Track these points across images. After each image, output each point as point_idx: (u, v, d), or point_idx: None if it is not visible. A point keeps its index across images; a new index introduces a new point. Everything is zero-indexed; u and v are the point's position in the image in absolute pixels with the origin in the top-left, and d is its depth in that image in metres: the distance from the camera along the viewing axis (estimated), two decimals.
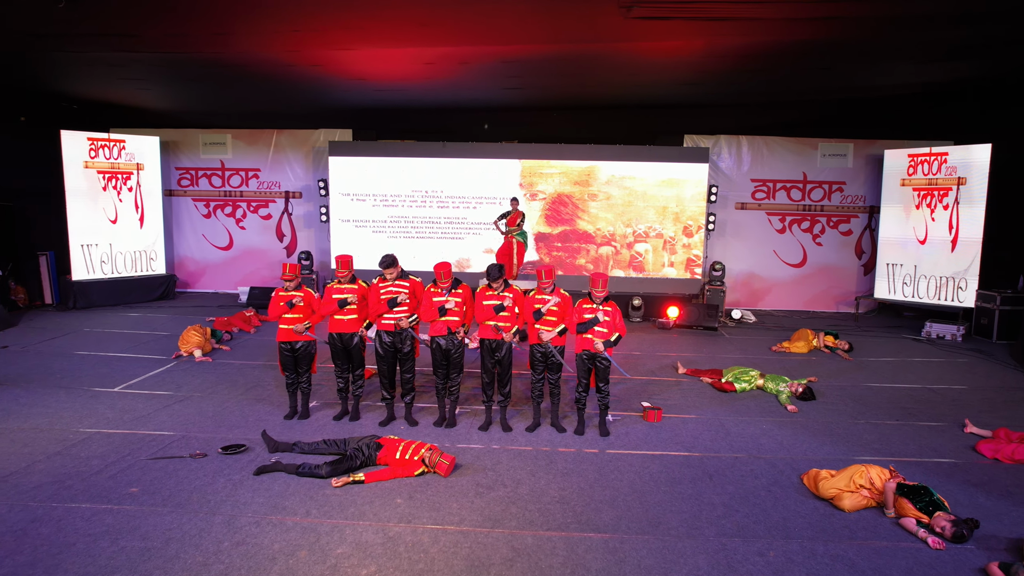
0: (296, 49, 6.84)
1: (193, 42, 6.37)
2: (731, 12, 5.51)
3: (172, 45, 6.49)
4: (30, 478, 4.89)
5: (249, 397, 6.98)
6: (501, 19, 5.60)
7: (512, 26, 5.79)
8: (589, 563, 3.95)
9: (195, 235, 13.77)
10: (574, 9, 5.30)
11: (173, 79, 9.37)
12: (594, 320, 5.87)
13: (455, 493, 4.83)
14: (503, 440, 5.94)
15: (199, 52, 6.93)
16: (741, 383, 7.53)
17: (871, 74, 8.94)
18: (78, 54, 7.26)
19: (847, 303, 12.81)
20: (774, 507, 4.72)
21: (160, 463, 5.21)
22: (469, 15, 5.56)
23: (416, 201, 12.51)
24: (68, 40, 6.25)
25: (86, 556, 3.87)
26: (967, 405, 7.08)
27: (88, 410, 6.45)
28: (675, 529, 4.38)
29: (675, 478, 5.17)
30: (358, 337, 6.25)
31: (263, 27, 5.81)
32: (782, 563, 3.99)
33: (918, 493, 4.51)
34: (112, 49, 6.89)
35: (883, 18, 6.08)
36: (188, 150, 13.51)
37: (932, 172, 10.94)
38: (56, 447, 5.49)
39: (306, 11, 5.40)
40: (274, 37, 6.16)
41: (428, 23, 5.75)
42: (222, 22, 5.69)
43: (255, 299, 12.00)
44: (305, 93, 10.58)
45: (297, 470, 5.03)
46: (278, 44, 6.52)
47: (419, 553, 4.01)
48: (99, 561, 3.83)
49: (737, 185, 12.74)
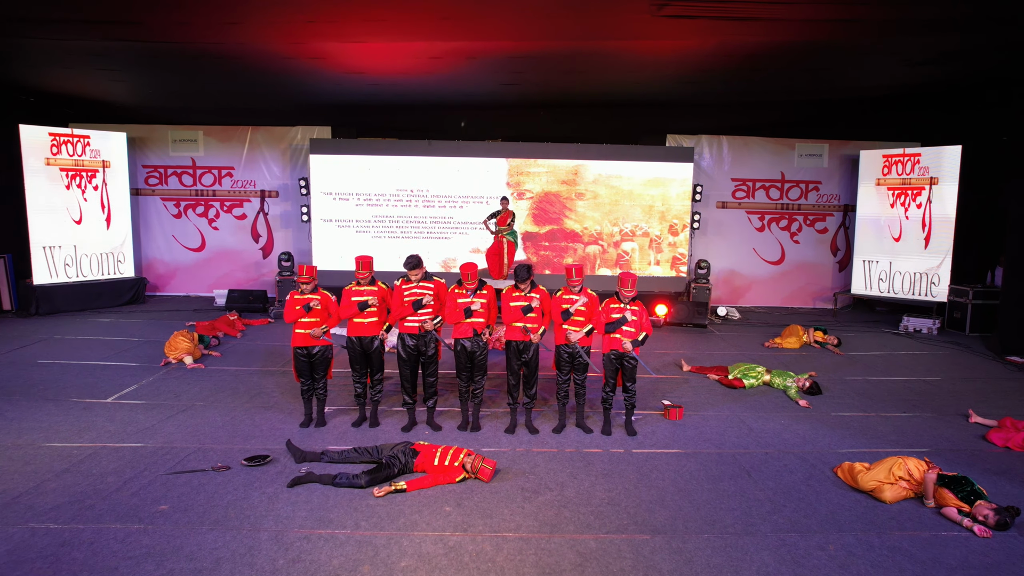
0: (302, 41, 6.57)
1: (198, 31, 6.03)
2: (755, 12, 5.57)
3: (175, 34, 6.13)
4: (44, 498, 4.54)
5: (256, 405, 6.68)
6: (527, 15, 5.51)
7: (536, 22, 5.71)
8: (658, 564, 3.92)
9: (165, 236, 13.15)
10: (604, 5, 5.25)
11: (156, 71, 8.90)
12: (622, 319, 5.85)
13: (502, 499, 4.72)
14: (531, 442, 5.86)
15: (201, 42, 6.58)
16: (749, 379, 7.64)
17: (855, 76, 9.22)
18: (63, 42, 6.79)
19: (823, 299, 13.22)
20: (818, 501, 4.79)
21: (182, 478, 4.92)
22: (494, 10, 5.45)
23: (401, 200, 12.26)
24: (60, 27, 5.83)
25: None
26: (963, 396, 7.38)
27: (85, 423, 6.05)
28: (731, 527, 4.39)
29: (715, 476, 5.19)
30: (378, 341, 6.06)
31: (277, 17, 5.54)
32: (844, 556, 4.05)
33: (959, 483, 4.64)
34: (106, 37, 6.47)
35: (886, 21, 6.25)
36: (156, 147, 12.89)
37: (906, 172, 11.38)
38: (62, 464, 5.12)
39: (329, 1, 5.19)
40: (285, 28, 5.89)
41: (451, 16, 5.61)
42: (235, 11, 5.39)
43: (235, 302, 11.55)
44: (289, 88, 10.23)
45: (334, 481, 4.83)
46: (286, 35, 6.25)
47: (486, 563, 3.89)
48: None
49: (718, 184, 12.97)
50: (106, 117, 12.46)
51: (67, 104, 11.89)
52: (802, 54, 7.42)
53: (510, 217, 11.37)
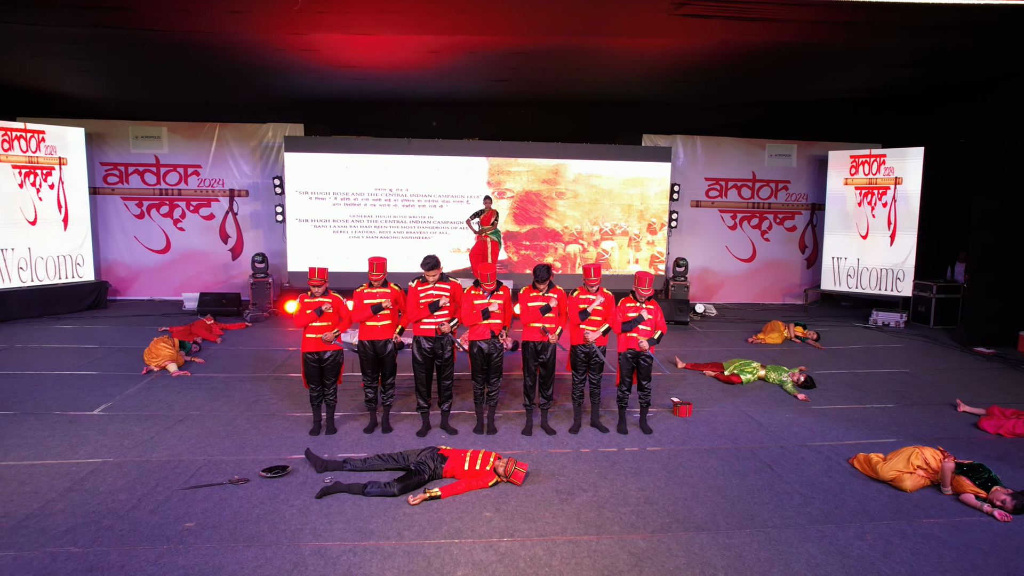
0: (303, 32, 6.33)
1: (197, 19, 5.71)
2: (766, 13, 5.68)
3: (171, 22, 5.79)
4: (54, 521, 4.23)
5: (256, 413, 6.42)
6: (545, 10, 5.46)
7: (553, 16, 5.66)
8: (711, 560, 3.95)
9: (126, 237, 12.50)
10: (624, 2, 5.26)
11: (131, 62, 8.42)
12: (639, 318, 5.88)
13: (539, 502, 4.67)
14: (550, 443, 5.82)
15: (194, 31, 6.25)
16: (746, 375, 7.81)
17: (834, 78, 9.52)
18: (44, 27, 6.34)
19: (793, 295, 13.66)
20: (843, 492, 4.92)
21: (200, 493, 4.67)
22: (513, 5, 5.37)
23: (380, 199, 12.03)
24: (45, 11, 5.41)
25: None
26: (944, 386, 7.73)
27: (76, 437, 5.67)
28: (770, 520, 4.46)
29: (739, 471, 5.27)
30: (392, 344, 5.90)
31: (286, 7, 5.30)
32: (884, 545, 4.17)
33: (976, 470, 4.86)
34: (94, 24, 6.08)
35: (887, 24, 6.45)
36: (116, 143, 12.24)
37: (872, 172, 11.86)
38: (64, 482, 4.79)
39: None
40: (292, 17, 5.64)
41: (467, 10, 5.50)
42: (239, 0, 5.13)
43: (207, 306, 11.08)
44: (266, 83, 9.89)
45: (364, 490, 4.67)
46: (289, 25, 6.00)
47: (543, 568, 3.83)
48: None
49: (692, 183, 13.22)
50: (59, 111, 11.74)
51: (16, 96, 11.15)
52: (794, 55, 7.62)
53: (493, 216, 11.28)
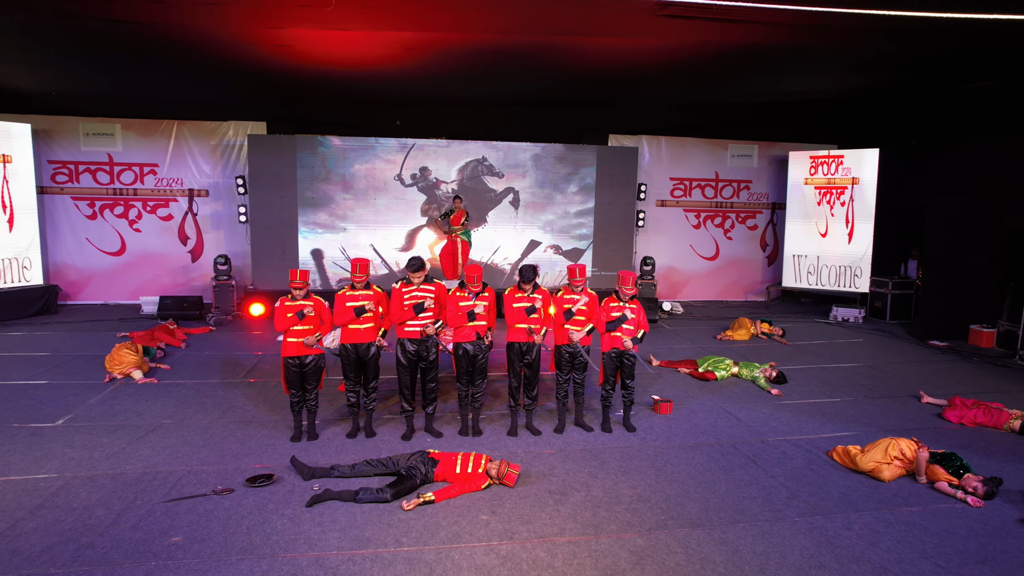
0: (282, 27, 6.15)
1: (171, 12, 5.45)
2: (747, 15, 5.80)
3: (145, 14, 5.52)
4: (28, 541, 4.00)
5: (233, 420, 6.22)
6: (530, 8, 5.44)
7: (538, 16, 5.64)
8: (711, 556, 4.01)
9: (77, 239, 11.94)
10: (610, 2, 5.30)
11: (91, 56, 8.04)
12: (622, 317, 5.92)
13: (534, 503, 4.65)
14: (536, 444, 5.82)
15: (166, 23, 5.98)
16: (720, 371, 7.96)
17: (799, 79, 9.77)
18: None
19: (755, 292, 14.01)
20: (826, 484, 5.06)
21: (183, 505, 4.49)
22: (501, 3, 5.32)
23: (348, 198, 11.81)
24: None
25: None
26: (906, 378, 8.04)
27: (40, 451, 5.39)
28: (760, 514, 4.56)
29: (725, 467, 5.37)
30: (375, 347, 5.80)
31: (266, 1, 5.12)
32: (870, 534, 4.30)
33: (949, 459, 5.06)
34: (58, 14, 5.76)
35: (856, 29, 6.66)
36: (65, 141, 11.68)
37: (831, 172, 12.26)
38: (33, 500, 4.54)
39: None
40: (269, 11, 5.45)
41: (458, 8, 5.43)
42: None
43: (168, 310, 10.69)
44: (231, 79, 9.58)
45: (355, 497, 4.57)
46: (269, 20, 5.81)
47: (546, 570, 3.82)
48: None
49: (657, 183, 13.41)
50: (2, 106, 11.12)
51: None
52: (764, 57, 7.79)
53: (464, 216, 11.23)
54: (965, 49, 7.67)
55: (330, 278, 11.91)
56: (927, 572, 3.88)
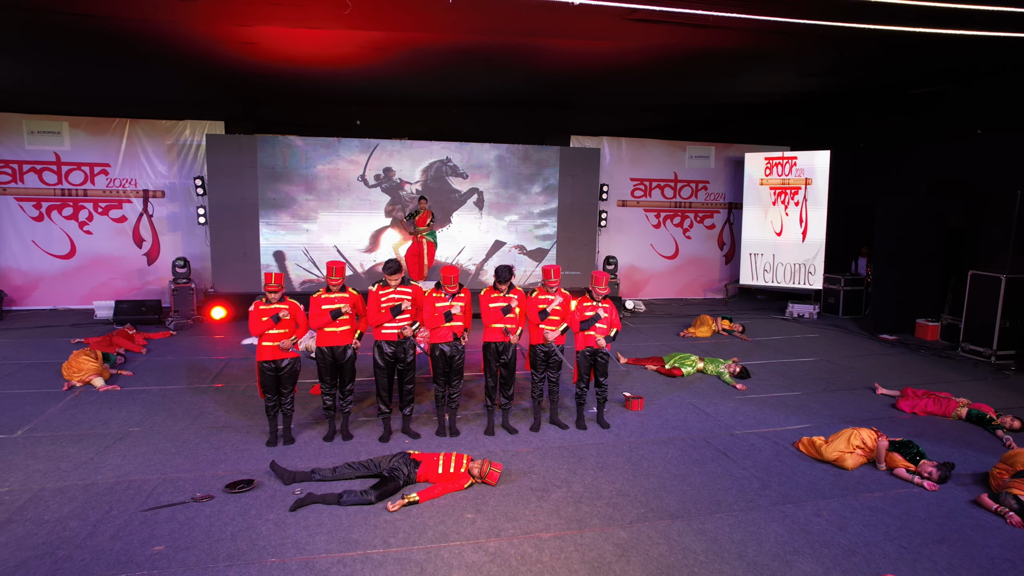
0: (248, 24, 6.05)
1: (135, 7, 5.27)
2: (713, 21, 6.01)
3: (107, 8, 5.33)
4: (0, 556, 3.87)
5: (204, 426, 6.09)
6: (501, 9, 5.50)
7: (509, 17, 5.71)
8: (691, 545, 4.16)
9: (22, 242, 11.44)
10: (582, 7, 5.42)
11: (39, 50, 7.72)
12: (596, 317, 6.05)
13: (517, 501, 4.73)
14: (513, 443, 5.90)
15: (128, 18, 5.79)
16: (686, 367, 8.19)
17: (756, 82, 10.10)
18: None
19: (713, 289, 14.41)
20: (794, 474, 5.29)
21: (162, 514, 4.40)
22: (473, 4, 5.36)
23: (311, 199, 11.65)
24: None
25: None
26: (861, 371, 8.43)
27: (2, 463, 5.19)
28: (735, 505, 4.74)
29: (698, 459, 5.55)
30: (351, 350, 5.77)
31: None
32: (838, 520, 4.53)
33: (906, 447, 5.36)
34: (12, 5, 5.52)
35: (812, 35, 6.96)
36: (7, 139, 11.17)
37: (785, 173, 12.70)
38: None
39: None
40: (238, 9, 5.34)
41: (427, 7, 5.44)
42: None
43: (125, 314, 10.36)
44: (190, 76, 9.32)
45: (339, 500, 4.57)
46: (234, 17, 5.69)
47: (535, 564, 3.90)
48: None
49: (618, 183, 13.66)
50: None
51: None
52: (725, 59, 8.05)
53: (429, 217, 11.23)
54: (901, 58, 8.10)
55: (293, 280, 11.72)
56: (892, 553, 4.11)
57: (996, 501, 4.69)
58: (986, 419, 6.37)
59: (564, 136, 13.23)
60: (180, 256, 11.05)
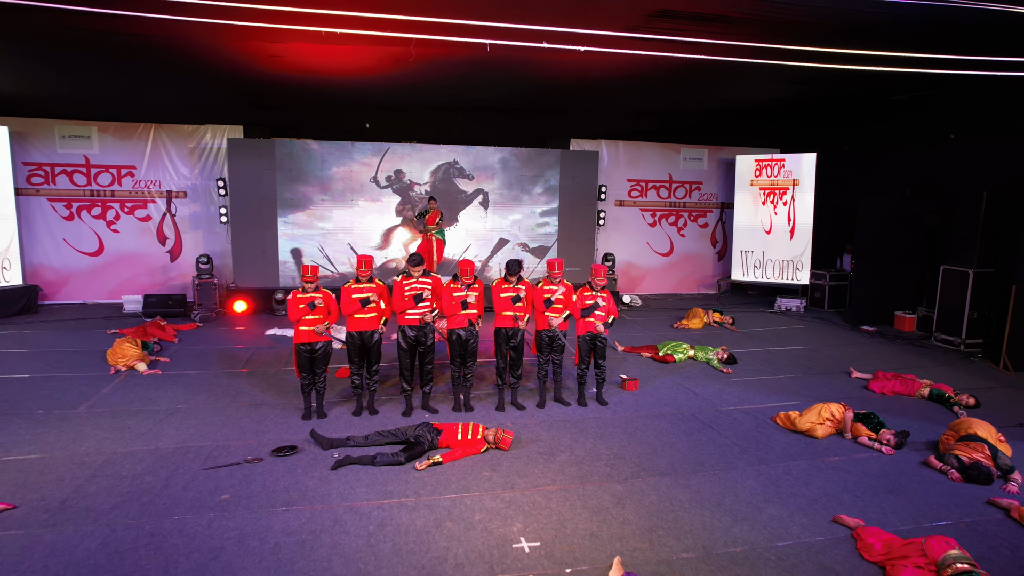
0: (280, 41, 6.75)
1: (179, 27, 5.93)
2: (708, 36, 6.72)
3: (151, 28, 6.00)
4: (94, 501, 4.57)
5: (242, 404, 6.79)
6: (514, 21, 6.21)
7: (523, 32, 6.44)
8: (677, 496, 4.87)
9: (53, 240, 12.12)
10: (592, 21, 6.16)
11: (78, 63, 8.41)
12: (595, 305, 6.76)
13: (527, 462, 5.44)
14: (521, 417, 6.60)
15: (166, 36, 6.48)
16: (678, 354, 8.91)
17: (745, 89, 10.81)
18: None
19: (706, 285, 15.13)
20: (770, 442, 6.01)
21: (222, 472, 5.11)
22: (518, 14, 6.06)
23: (326, 199, 12.35)
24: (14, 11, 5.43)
25: (250, 556, 3.91)
26: (840, 358, 9.14)
27: (73, 433, 5.88)
28: (716, 465, 5.46)
29: (686, 431, 6.26)
30: (378, 334, 6.48)
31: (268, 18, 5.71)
32: (804, 476, 5.25)
33: (869, 418, 6.08)
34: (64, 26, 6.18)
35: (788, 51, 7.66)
36: (40, 143, 11.86)
37: (774, 174, 13.43)
38: (84, 471, 5.08)
39: None
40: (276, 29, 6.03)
41: None
42: None
43: (153, 307, 11.07)
44: (215, 85, 10.01)
45: (373, 461, 5.27)
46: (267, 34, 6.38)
47: (544, 510, 4.61)
48: (269, 558, 3.90)
49: (616, 184, 14.36)
50: None
51: None
52: (715, 70, 8.76)
53: (438, 216, 11.93)
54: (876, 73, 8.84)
55: None
56: (847, 501, 4.83)
57: (941, 461, 5.41)
58: (945, 397, 7.09)
59: (564, 140, 13.94)
60: (203, 253, 11.73)
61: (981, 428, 5.60)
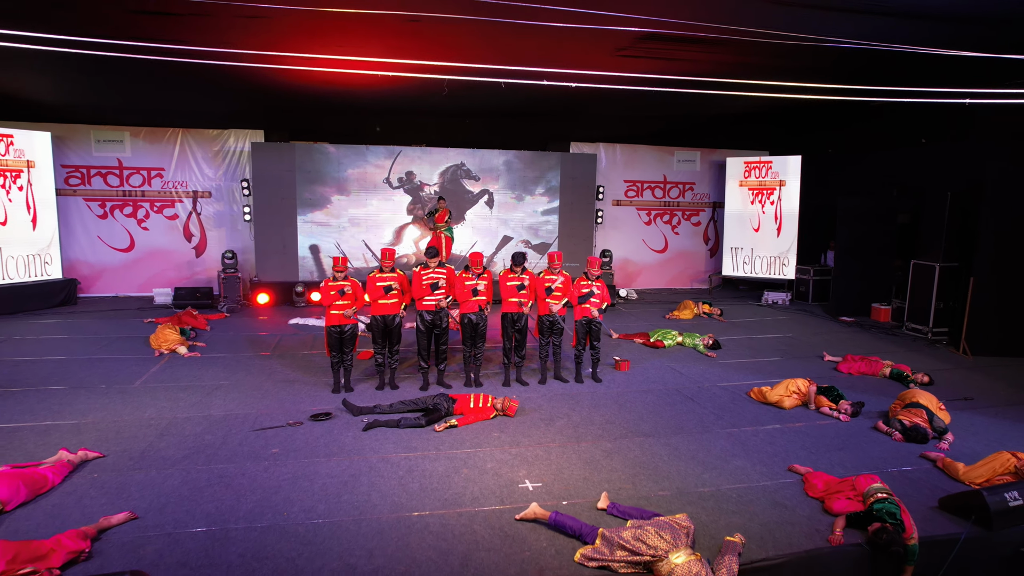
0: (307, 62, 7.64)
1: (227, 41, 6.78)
2: (690, 55, 7.58)
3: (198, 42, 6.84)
4: (167, 452, 5.44)
5: (279, 380, 7.66)
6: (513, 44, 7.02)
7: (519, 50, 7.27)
8: (658, 452, 5.73)
9: (88, 237, 13.01)
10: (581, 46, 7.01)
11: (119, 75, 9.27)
12: (590, 293, 7.62)
13: (530, 426, 6.30)
14: (524, 392, 7.46)
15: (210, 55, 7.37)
16: (668, 340, 9.76)
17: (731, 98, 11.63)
18: None
19: (699, 280, 15.98)
20: (743, 411, 6.87)
21: (268, 432, 5.97)
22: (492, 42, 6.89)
23: (342, 199, 13.22)
24: None
25: (303, 491, 4.77)
26: (816, 345, 9.99)
27: (135, 403, 6.75)
28: (693, 429, 6.32)
29: (670, 402, 7.12)
30: (399, 318, 7.35)
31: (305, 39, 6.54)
32: (769, 438, 6.11)
33: (830, 391, 6.94)
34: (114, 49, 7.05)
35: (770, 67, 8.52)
36: (77, 146, 12.75)
37: (762, 176, 14.27)
38: (152, 432, 5.95)
39: None
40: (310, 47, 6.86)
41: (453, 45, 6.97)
42: None
43: (183, 299, 11.96)
44: (242, 93, 10.86)
45: (398, 424, 6.14)
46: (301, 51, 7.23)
47: (545, 461, 5.48)
48: (318, 493, 4.76)
49: (613, 185, 15.22)
50: (20, 115, 12.13)
51: None
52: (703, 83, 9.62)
53: (447, 215, 12.79)
54: None
55: (326, 270, 13.29)
56: (803, 456, 5.68)
57: (888, 426, 6.26)
58: (903, 376, 7.94)
59: (565, 143, 14.80)
60: (228, 249, 12.61)
61: (923, 397, 6.45)
